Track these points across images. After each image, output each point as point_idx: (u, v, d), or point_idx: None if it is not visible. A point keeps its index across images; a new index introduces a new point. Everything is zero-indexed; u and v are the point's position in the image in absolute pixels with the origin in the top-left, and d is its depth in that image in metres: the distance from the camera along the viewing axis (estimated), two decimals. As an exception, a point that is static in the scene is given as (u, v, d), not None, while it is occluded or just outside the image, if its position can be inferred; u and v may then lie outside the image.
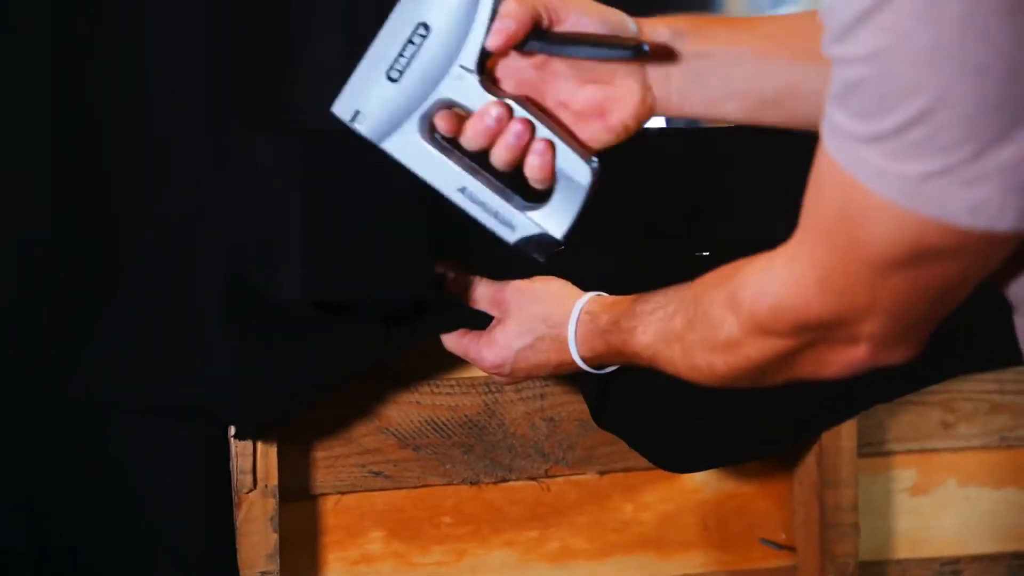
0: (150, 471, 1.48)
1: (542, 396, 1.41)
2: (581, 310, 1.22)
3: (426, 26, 1.06)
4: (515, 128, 1.05)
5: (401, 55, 1.07)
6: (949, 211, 0.78)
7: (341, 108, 1.09)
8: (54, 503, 1.48)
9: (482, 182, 1.09)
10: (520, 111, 1.06)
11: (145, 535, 1.48)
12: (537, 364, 1.25)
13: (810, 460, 1.46)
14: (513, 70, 1.08)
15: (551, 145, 1.06)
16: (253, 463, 1.30)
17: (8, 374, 1.47)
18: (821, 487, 1.45)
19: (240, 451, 1.29)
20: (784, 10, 2.07)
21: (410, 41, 1.06)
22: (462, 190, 1.10)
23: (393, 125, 1.09)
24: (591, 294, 1.24)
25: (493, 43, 1.04)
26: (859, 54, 0.78)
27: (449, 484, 1.40)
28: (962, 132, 0.75)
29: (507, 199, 1.10)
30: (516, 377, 1.28)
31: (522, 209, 1.10)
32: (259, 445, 1.30)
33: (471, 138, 1.06)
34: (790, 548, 1.51)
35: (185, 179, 1.44)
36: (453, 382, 1.39)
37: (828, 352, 0.94)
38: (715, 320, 1.01)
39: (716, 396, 1.33)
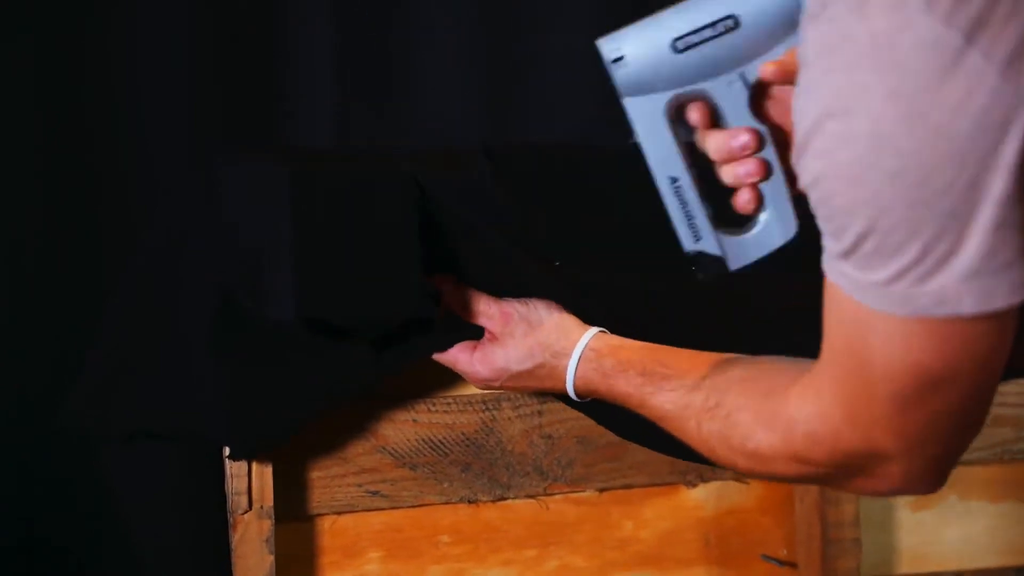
0: (143, 494, 1.47)
1: (540, 413, 1.41)
2: (586, 346, 1.24)
3: (736, 21, 1.05)
4: (751, 164, 1.06)
5: (697, 32, 1.05)
6: (920, 307, 0.84)
7: (609, 47, 1.06)
8: (46, 523, 1.47)
9: (694, 182, 1.09)
10: (767, 149, 1.06)
11: (139, 559, 1.47)
12: (528, 385, 1.28)
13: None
14: (784, 100, 1.07)
15: (775, 191, 1.08)
16: (248, 484, 1.29)
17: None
18: (822, 503, 1.45)
19: (235, 472, 1.28)
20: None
21: (712, 25, 1.05)
22: (673, 180, 1.09)
23: (647, 88, 1.07)
24: (595, 330, 1.25)
25: (765, 73, 1.05)
26: (807, 181, 0.86)
27: (447, 503, 1.39)
28: (903, 235, 0.82)
29: (706, 210, 1.10)
30: (503, 388, 1.30)
31: (715, 226, 1.10)
32: (254, 466, 1.29)
33: (710, 146, 1.07)
34: (791, 564, 1.50)
35: (172, 203, 1.43)
36: (450, 400, 1.38)
37: (859, 481, 0.97)
38: (743, 428, 1.03)
39: None
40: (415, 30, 1.62)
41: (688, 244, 1.11)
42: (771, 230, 1.09)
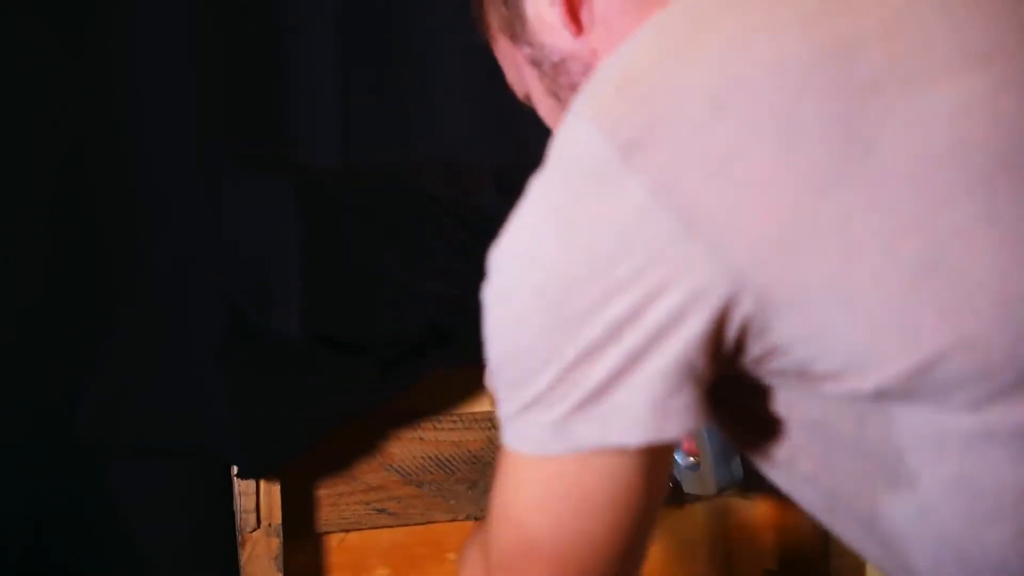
0: (152, 512, 1.47)
1: (546, 430, 1.41)
2: None
3: None
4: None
5: None
6: (540, 441, 0.78)
7: None
8: (53, 543, 1.47)
9: None
10: None
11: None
12: None
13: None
14: None
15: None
16: (256, 502, 1.29)
17: (6, 413, 1.46)
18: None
19: (243, 490, 1.29)
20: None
21: None
22: None
23: None
24: None
25: None
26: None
27: (454, 520, 1.39)
28: (540, 360, 0.77)
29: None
30: None
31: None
32: (262, 484, 1.29)
33: None
34: (798, 579, 1.51)
35: (179, 220, 1.44)
36: (456, 418, 1.38)
37: None
38: None
39: None
40: (418, 35, 1.62)
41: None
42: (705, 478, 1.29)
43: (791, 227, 0.73)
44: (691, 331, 0.74)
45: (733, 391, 0.82)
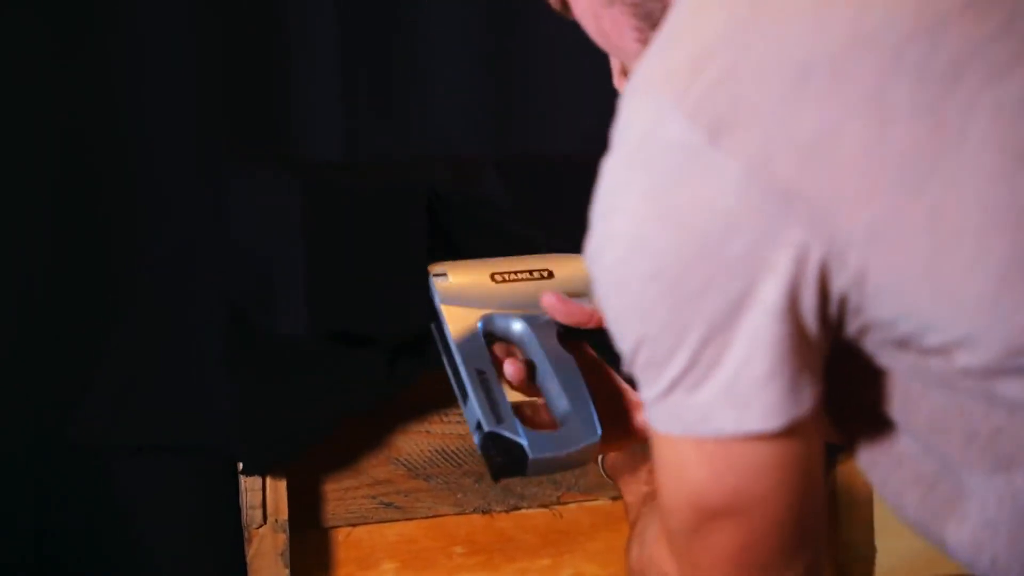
0: (157, 509, 1.47)
1: (552, 423, 1.40)
2: None
3: (551, 273, 1.22)
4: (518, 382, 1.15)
5: (515, 273, 1.21)
6: (687, 424, 0.79)
7: (435, 268, 1.21)
8: (58, 541, 1.47)
9: (499, 378, 1.16)
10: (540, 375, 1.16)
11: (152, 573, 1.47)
12: None
13: (825, 479, 1.45)
14: None
15: (577, 400, 1.14)
16: (263, 498, 1.29)
17: (9, 413, 1.46)
18: (836, 506, 1.44)
19: (249, 486, 1.29)
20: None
21: (530, 271, 1.22)
22: (480, 372, 1.17)
23: (466, 302, 1.20)
24: None
25: (545, 302, 1.16)
26: (595, 291, 0.83)
27: (461, 513, 1.39)
28: (670, 342, 0.77)
29: (509, 404, 1.15)
30: None
31: (519, 418, 1.15)
32: (268, 480, 1.29)
33: (506, 368, 1.15)
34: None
35: (180, 219, 1.44)
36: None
37: None
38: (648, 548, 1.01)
39: None
40: (421, 35, 1.62)
41: (488, 424, 1.13)
42: (574, 431, 1.14)
43: (885, 218, 0.73)
44: (806, 303, 0.75)
45: (842, 371, 0.82)
